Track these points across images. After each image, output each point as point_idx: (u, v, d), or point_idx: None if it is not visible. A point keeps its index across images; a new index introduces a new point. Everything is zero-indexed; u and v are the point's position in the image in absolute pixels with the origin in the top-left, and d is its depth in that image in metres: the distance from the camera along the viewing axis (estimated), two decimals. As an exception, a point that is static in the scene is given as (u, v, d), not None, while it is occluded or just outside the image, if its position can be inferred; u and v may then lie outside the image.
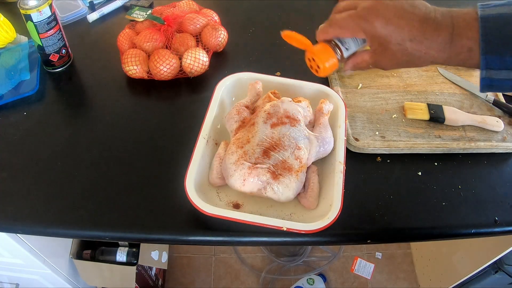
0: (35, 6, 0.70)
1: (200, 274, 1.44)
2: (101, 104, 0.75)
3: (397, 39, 0.43)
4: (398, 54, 0.44)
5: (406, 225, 0.61)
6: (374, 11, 0.43)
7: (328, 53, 0.49)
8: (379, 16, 0.43)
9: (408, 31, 0.42)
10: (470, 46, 0.40)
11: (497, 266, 0.96)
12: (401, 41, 0.43)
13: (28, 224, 0.59)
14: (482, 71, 0.41)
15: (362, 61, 0.49)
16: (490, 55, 0.40)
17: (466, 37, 0.41)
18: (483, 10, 0.40)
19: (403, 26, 0.42)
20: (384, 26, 0.43)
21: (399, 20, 0.42)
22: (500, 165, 0.70)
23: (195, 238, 0.58)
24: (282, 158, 0.57)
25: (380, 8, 0.43)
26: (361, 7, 0.44)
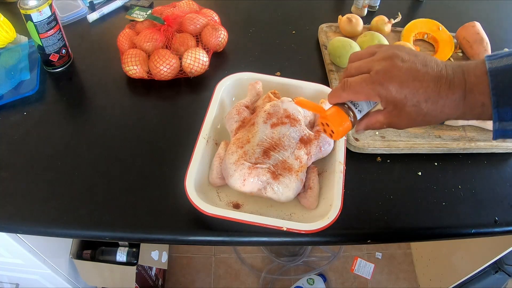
0: (35, 6, 0.70)
1: (200, 274, 1.44)
2: (101, 104, 0.75)
3: (413, 101, 0.42)
4: (413, 114, 0.43)
5: (406, 225, 0.61)
6: (388, 75, 0.42)
7: (342, 117, 0.48)
8: (394, 80, 0.42)
9: (423, 92, 0.42)
10: (483, 101, 0.41)
11: (497, 266, 0.96)
12: (416, 103, 0.42)
13: (28, 224, 0.59)
14: (495, 123, 0.41)
15: (376, 121, 0.48)
16: (501, 107, 0.40)
17: (478, 92, 0.40)
18: (490, 63, 0.40)
19: (418, 88, 0.42)
20: (400, 90, 0.42)
21: (414, 82, 0.42)
22: (500, 165, 0.70)
23: (195, 238, 0.58)
24: (282, 158, 0.57)
25: (394, 72, 0.42)
26: (374, 71, 0.43)
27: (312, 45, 0.90)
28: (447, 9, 1.05)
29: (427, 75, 0.42)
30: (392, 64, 0.43)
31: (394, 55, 0.43)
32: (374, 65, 0.44)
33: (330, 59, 0.83)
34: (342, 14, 0.91)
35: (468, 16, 1.01)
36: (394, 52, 0.44)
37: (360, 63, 0.46)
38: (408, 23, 0.91)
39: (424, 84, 0.42)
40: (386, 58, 0.44)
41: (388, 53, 0.44)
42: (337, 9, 1.02)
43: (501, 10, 1.09)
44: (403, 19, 0.93)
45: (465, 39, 0.87)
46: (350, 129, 0.48)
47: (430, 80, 0.42)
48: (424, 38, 0.92)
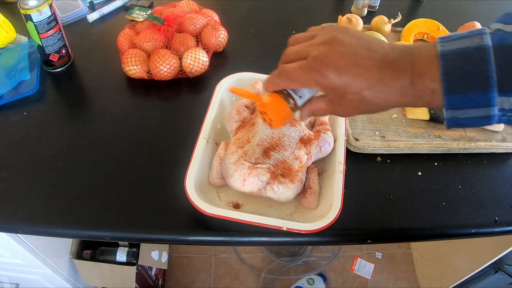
0: (35, 6, 0.70)
1: (200, 274, 1.44)
2: (101, 104, 0.75)
3: (354, 89, 0.39)
4: (355, 103, 0.40)
5: (406, 225, 0.61)
6: (326, 62, 0.39)
7: (280, 104, 0.45)
8: (332, 67, 0.39)
9: (365, 79, 0.38)
10: (433, 88, 0.37)
11: (497, 266, 0.96)
12: (358, 91, 0.39)
13: (28, 224, 0.59)
14: (447, 111, 0.37)
15: (319, 108, 0.45)
16: (453, 95, 0.36)
17: (428, 78, 0.37)
18: (442, 45, 0.37)
19: (359, 75, 0.38)
20: (339, 77, 0.39)
21: (354, 69, 0.38)
22: (500, 165, 0.70)
23: (195, 238, 0.58)
24: (282, 158, 0.57)
25: (333, 57, 0.39)
26: (312, 57, 0.40)
27: (312, 45, 0.90)
28: (447, 9, 1.05)
29: (369, 61, 0.39)
30: (330, 49, 0.39)
31: (333, 39, 0.40)
32: (312, 50, 0.40)
33: (330, 59, 0.83)
34: (342, 14, 0.91)
35: (468, 16, 1.01)
36: (334, 35, 0.40)
37: (298, 47, 0.43)
38: (408, 23, 0.91)
39: (366, 70, 0.38)
40: (325, 43, 0.40)
41: (327, 36, 0.41)
42: (337, 9, 1.02)
43: (501, 10, 1.09)
44: (403, 19, 0.93)
45: (465, 39, 0.87)
46: (290, 116, 0.46)
47: (373, 66, 0.38)
48: (424, 38, 0.92)
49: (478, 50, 0.35)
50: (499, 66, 0.34)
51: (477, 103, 0.36)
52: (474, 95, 0.36)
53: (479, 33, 0.36)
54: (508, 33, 0.35)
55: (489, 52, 0.35)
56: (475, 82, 0.35)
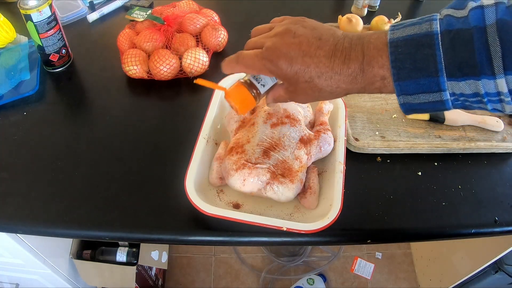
0: (35, 6, 0.70)
1: (200, 274, 1.44)
2: (101, 104, 0.75)
3: (305, 77, 0.41)
4: (308, 90, 0.42)
5: (406, 225, 0.61)
6: (277, 52, 0.41)
7: (243, 92, 0.49)
8: (283, 57, 0.41)
9: (315, 68, 0.40)
10: (383, 74, 0.38)
11: (497, 266, 0.96)
12: (309, 79, 0.41)
13: (28, 224, 0.59)
14: (399, 97, 0.38)
15: (279, 95, 0.47)
16: (402, 81, 0.37)
17: (377, 65, 0.38)
18: (392, 33, 0.38)
19: (309, 64, 0.40)
20: (289, 67, 0.41)
21: (304, 59, 0.40)
22: (500, 165, 0.70)
23: (195, 238, 0.58)
24: (282, 158, 0.57)
25: (283, 48, 0.41)
26: (265, 47, 0.43)
27: (312, 45, 0.90)
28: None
29: (319, 50, 0.40)
30: (282, 41, 0.42)
31: (286, 30, 0.42)
32: (267, 41, 0.43)
33: (330, 59, 0.83)
34: (342, 14, 0.91)
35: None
36: (288, 27, 0.43)
37: (257, 38, 0.46)
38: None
39: (315, 59, 0.40)
40: (278, 34, 0.42)
41: (282, 28, 0.43)
42: (337, 9, 1.02)
43: (501, 10, 1.09)
44: (403, 19, 0.92)
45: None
46: (254, 104, 0.49)
47: (322, 56, 0.40)
48: (424, 38, 0.92)
49: (426, 36, 0.36)
50: (447, 51, 0.35)
51: (427, 88, 0.37)
52: (423, 79, 0.36)
53: (429, 20, 0.36)
54: (457, 18, 0.35)
55: (437, 38, 0.35)
56: (424, 68, 0.36)
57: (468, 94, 0.36)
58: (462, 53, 0.34)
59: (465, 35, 0.34)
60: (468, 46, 0.34)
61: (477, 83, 0.35)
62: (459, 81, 0.35)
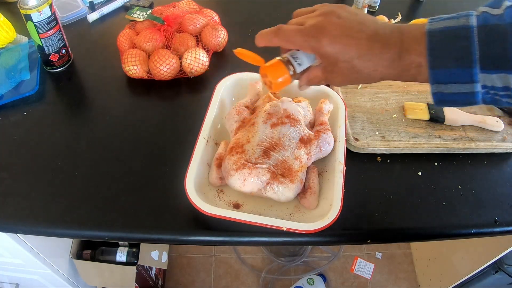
0: (35, 6, 0.70)
1: (200, 274, 1.44)
2: (101, 104, 0.75)
3: (345, 57, 0.42)
4: (346, 71, 0.44)
5: (406, 225, 0.61)
6: (321, 29, 0.43)
7: (281, 68, 0.49)
8: (326, 35, 0.42)
9: (356, 49, 0.42)
10: (419, 62, 0.40)
11: (497, 266, 0.96)
12: (348, 59, 0.42)
13: (28, 224, 0.59)
14: (432, 86, 0.40)
15: (315, 77, 0.48)
16: (437, 69, 0.39)
17: (415, 52, 0.40)
18: (431, 24, 0.40)
19: (350, 44, 0.42)
20: (331, 45, 0.42)
21: (346, 39, 0.42)
22: (500, 165, 0.70)
23: (195, 238, 0.58)
24: (282, 158, 0.57)
25: (327, 27, 0.43)
26: (309, 24, 0.44)
27: (312, 45, 0.90)
28: (447, 9, 1.05)
29: (360, 33, 0.42)
30: (327, 20, 0.43)
31: (331, 11, 0.44)
32: (310, 20, 0.44)
33: (330, 59, 0.83)
34: (342, 14, 0.91)
35: (468, 16, 1.01)
36: (332, 9, 0.44)
37: (299, 18, 0.46)
38: (408, 23, 0.91)
39: (357, 40, 0.42)
40: (323, 14, 0.44)
41: (326, 9, 0.45)
42: (337, 9, 1.02)
43: (501, 10, 1.09)
44: (403, 19, 0.93)
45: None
46: (289, 82, 0.49)
47: (364, 38, 0.42)
48: (424, 38, 0.92)
49: (463, 29, 0.38)
50: (482, 44, 0.37)
51: (460, 78, 0.38)
52: (457, 69, 0.38)
53: (466, 15, 0.39)
54: (493, 15, 0.37)
55: (473, 31, 0.37)
56: (458, 58, 0.38)
57: (499, 88, 0.38)
58: (496, 47, 0.36)
59: (500, 30, 0.36)
60: (502, 41, 0.36)
61: (508, 77, 0.36)
62: (491, 74, 0.37)
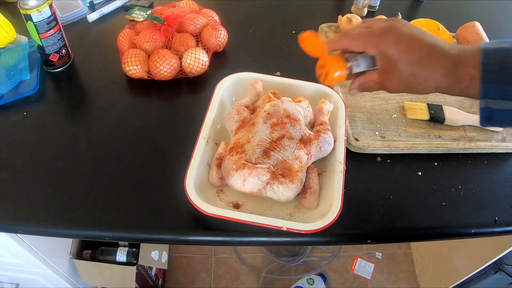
0: (35, 6, 0.70)
1: (200, 274, 1.44)
2: (101, 104, 0.75)
3: (406, 58, 0.45)
4: (404, 74, 0.46)
5: (406, 225, 0.61)
6: (388, 30, 0.46)
7: (341, 63, 0.50)
8: (392, 35, 0.46)
9: (417, 52, 0.45)
10: (472, 74, 0.42)
11: (497, 266, 0.96)
12: (409, 60, 0.45)
13: (28, 224, 0.59)
14: (481, 100, 0.42)
15: (370, 79, 0.50)
16: (489, 83, 0.41)
17: (469, 65, 0.43)
18: (485, 44, 0.43)
19: (413, 48, 0.45)
20: (395, 45, 0.45)
21: (410, 43, 0.45)
22: (500, 165, 0.70)
23: (195, 238, 0.58)
24: (282, 158, 0.57)
25: (393, 30, 0.46)
26: (376, 26, 0.48)
27: (312, 45, 0.90)
28: (447, 9, 1.05)
29: (423, 41, 0.45)
30: (393, 24, 0.47)
31: (395, 20, 0.48)
32: (377, 23, 0.48)
33: (330, 59, 0.83)
34: (342, 14, 0.91)
35: (468, 16, 1.01)
36: (396, 19, 0.49)
37: (365, 23, 0.51)
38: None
39: (419, 46, 0.45)
40: (389, 20, 0.48)
41: (390, 19, 0.49)
42: (337, 9, 1.02)
43: (501, 10, 1.09)
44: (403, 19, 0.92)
45: (465, 39, 0.87)
46: (344, 79, 0.51)
47: (425, 45, 0.45)
48: (424, 38, 0.92)
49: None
50: None
51: (510, 95, 0.41)
52: (508, 86, 0.41)
53: None
54: None
55: None
56: (511, 76, 0.40)
57: None
58: None
59: None
60: None
61: None
62: None
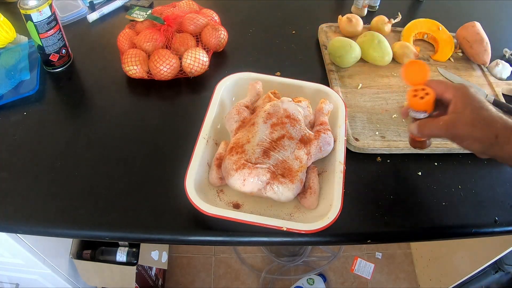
0: (35, 6, 0.70)
1: (200, 274, 1.44)
2: (101, 104, 0.75)
3: (468, 118, 0.50)
4: (475, 113, 0.50)
5: (406, 225, 0.61)
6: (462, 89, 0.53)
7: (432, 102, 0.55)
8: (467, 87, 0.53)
9: (485, 112, 0.50)
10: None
11: (497, 266, 0.96)
12: (468, 120, 0.50)
13: (28, 224, 0.59)
14: None
15: (441, 119, 0.53)
16: None
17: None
18: None
19: (477, 108, 0.51)
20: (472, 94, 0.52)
21: (473, 103, 0.51)
22: (500, 165, 0.70)
23: (195, 238, 0.58)
24: (282, 158, 0.57)
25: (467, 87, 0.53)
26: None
27: (312, 45, 0.90)
28: (447, 9, 1.05)
29: (481, 106, 0.51)
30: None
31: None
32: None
33: (330, 59, 0.83)
34: (342, 14, 0.91)
35: (468, 16, 1.01)
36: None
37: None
38: (408, 23, 0.91)
39: (478, 105, 0.51)
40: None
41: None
42: (337, 9, 1.02)
43: (501, 10, 1.09)
44: (403, 19, 0.92)
45: (465, 39, 0.87)
46: (431, 107, 0.55)
47: (479, 108, 0.51)
48: (424, 38, 0.92)
49: None
50: None
51: None
52: None
53: None
54: None
55: None
56: None
57: None
58: None
59: None
60: None
61: None
62: None
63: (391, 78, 0.81)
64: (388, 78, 0.81)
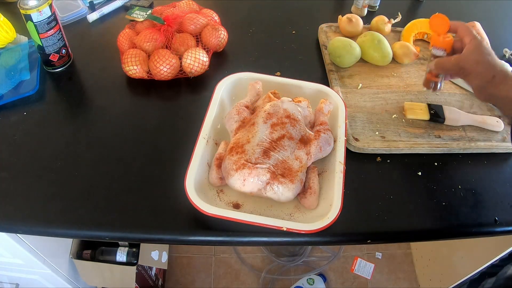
0: (35, 6, 0.70)
1: (200, 274, 1.44)
2: (101, 104, 0.75)
3: (487, 49, 0.59)
4: (481, 55, 0.59)
5: (406, 225, 0.61)
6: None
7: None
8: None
9: (489, 57, 0.59)
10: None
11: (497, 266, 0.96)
12: (487, 52, 0.59)
13: (28, 224, 0.59)
14: None
15: (453, 56, 0.62)
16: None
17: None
18: None
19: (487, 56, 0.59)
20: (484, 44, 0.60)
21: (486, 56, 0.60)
22: (500, 165, 0.70)
23: (195, 238, 0.58)
24: (282, 158, 0.57)
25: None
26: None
27: (312, 45, 0.90)
28: (447, 9, 1.05)
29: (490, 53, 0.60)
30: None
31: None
32: None
33: (330, 59, 0.83)
34: (342, 14, 0.91)
35: (468, 16, 1.01)
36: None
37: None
38: (408, 23, 0.91)
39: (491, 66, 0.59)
40: None
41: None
42: (337, 9, 1.02)
43: (501, 10, 1.09)
44: (403, 19, 0.93)
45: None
46: (450, 46, 0.65)
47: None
48: (424, 38, 0.92)
49: None
50: None
51: None
52: None
53: None
54: None
55: None
56: None
57: None
58: None
59: None
60: None
61: None
62: None
63: (391, 78, 0.81)
64: (388, 78, 0.81)
